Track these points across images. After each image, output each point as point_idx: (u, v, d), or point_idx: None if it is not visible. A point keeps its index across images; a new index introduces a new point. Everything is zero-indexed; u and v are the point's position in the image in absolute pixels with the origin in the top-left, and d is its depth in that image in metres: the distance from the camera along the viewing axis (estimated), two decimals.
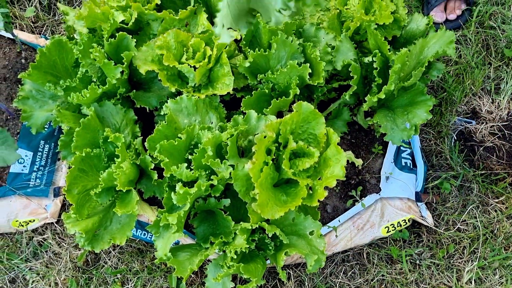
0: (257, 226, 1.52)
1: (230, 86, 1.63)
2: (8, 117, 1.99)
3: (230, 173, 1.46)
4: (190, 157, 1.51)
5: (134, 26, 1.74)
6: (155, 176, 1.57)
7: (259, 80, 1.69)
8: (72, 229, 1.51)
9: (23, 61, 2.11)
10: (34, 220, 1.88)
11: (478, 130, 2.08)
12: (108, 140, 1.58)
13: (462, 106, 2.13)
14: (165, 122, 1.53)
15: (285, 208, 1.43)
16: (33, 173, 1.92)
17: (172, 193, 1.46)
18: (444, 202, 1.94)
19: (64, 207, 1.93)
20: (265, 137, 1.45)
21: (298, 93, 1.60)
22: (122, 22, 1.71)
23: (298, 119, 1.54)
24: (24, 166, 1.91)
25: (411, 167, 1.94)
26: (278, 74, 1.61)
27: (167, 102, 1.59)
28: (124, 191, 1.50)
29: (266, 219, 1.46)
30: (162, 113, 1.58)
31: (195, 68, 1.64)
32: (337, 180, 1.45)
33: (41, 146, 1.95)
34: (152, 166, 1.56)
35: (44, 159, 1.95)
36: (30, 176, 1.91)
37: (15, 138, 1.96)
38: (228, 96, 1.79)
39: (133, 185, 1.61)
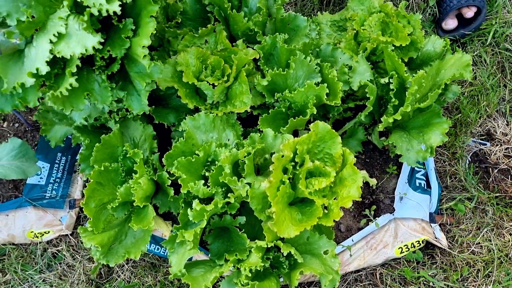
0: (272, 245, 1.53)
1: (248, 104, 1.65)
2: (27, 129, 2.02)
3: (247, 191, 1.46)
4: (207, 174, 1.52)
5: (154, 42, 1.77)
6: (172, 193, 1.58)
7: (276, 98, 1.71)
8: (89, 242, 1.52)
9: None
10: (49, 232, 1.90)
11: (493, 152, 2.08)
12: (127, 156, 1.60)
13: (477, 128, 2.13)
14: (183, 138, 1.55)
15: (300, 227, 1.44)
16: (49, 185, 1.94)
17: (189, 209, 1.47)
18: (458, 224, 1.93)
19: (78, 219, 1.94)
20: (282, 156, 1.46)
21: (315, 112, 1.61)
22: None
23: (315, 139, 1.56)
24: (40, 178, 1.93)
25: (425, 187, 1.94)
26: (296, 93, 1.63)
27: (185, 119, 1.61)
28: (142, 206, 1.51)
29: (281, 237, 1.47)
30: (180, 129, 1.59)
31: (213, 85, 1.66)
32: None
33: (58, 158, 1.98)
34: (169, 182, 1.57)
35: (60, 171, 1.97)
36: (47, 188, 1.93)
37: (33, 150, 1.98)
38: (245, 114, 1.81)
39: (150, 200, 1.62)
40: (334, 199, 1.52)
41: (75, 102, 1.36)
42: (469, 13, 2.24)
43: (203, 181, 1.49)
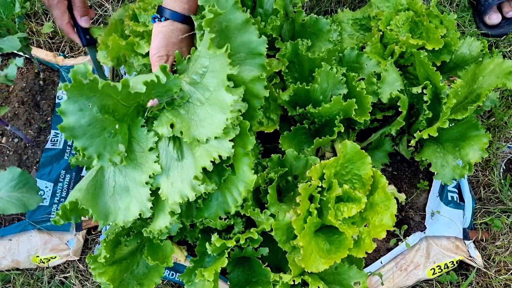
0: (300, 280, 1.40)
1: (277, 123, 1.52)
2: (27, 144, 1.88)
3: (270, 224, 1.33)
4: None
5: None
6: (188, 225, 1.45)
7: (298, 113, 1.55)
8: (99, 278, 1.39)
9: (41, 82, 1.99)
10: (55, 257, 1.78)
11: None
12: None
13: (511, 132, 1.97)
14: None
15: (330, 261, 1.31)
16: (53, 205, 1.81)
17: (207, 243, 1.34)
18: (494, 240, 1.80)
19: (86, 242, 1.82)
20: (310, 185, 1.32)
21: (342, 131, 1.46)
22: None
23: (343, 161, 1.41)
24: (44, 198, 1.80)
25: (458, 201, 1.80)
26: (321, 109, 1.47)
27: None
28: (162, 244, 1.38)
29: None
30: None
31: None
32: None
33: (62, 176, 1.84)
34: None
35: (65, 190, 1.84)
36: (51, 208, 1.80)
37: (35, 167, 1.85)
38: None
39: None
40: (365, 226, 1.39)
41: None
42: (510, 12, 2.06)
43: None
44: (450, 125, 1.62)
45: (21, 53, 2.00)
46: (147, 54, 1.62)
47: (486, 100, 1.63)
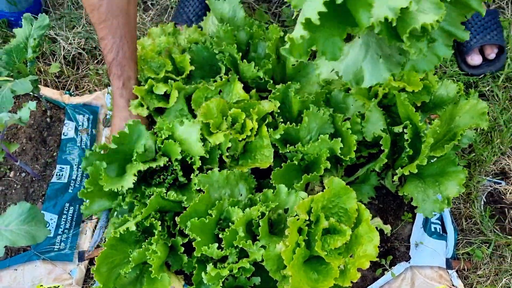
0: None
1: (270, 158, 1.63)
2: (34, 179, 1.98)
3: (261, 254, 1.43)
4: (220, 235, 1.49)
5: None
6: (185, 259, 1.56)
7: (289, 150, 1.67)
8: None
9: (48, 120, 2.11)
10: (58, 286, 1.86)
11: (508, 191, 2.04)
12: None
13: (491, 166, 2.09)
14: (197, 200, 1.51)
15: None
16: (57, 237, 1.91)
17: (203, 273, 1.44)
18: (476, 270, 1.89)
19: (88, 272, 1.91)
20: (298, 219, 1.43)
21: (328, 167, 1.58)
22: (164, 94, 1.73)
23: (329, 195, 1.53)
24: (49, 230, 1.90)
25: (441, 232, 1.90)
26: (309, 147, 1.59)
27: (197, 176, 1.58)
28: (159, 278, 1.47)
29: None
30: (194, 188, 1.56)
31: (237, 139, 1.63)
32: None
33: (66, 208, 1.95)
34: (182, 250, 1.55)
35: (68, 222, 1.94)
36: (55, 239, 1.90)
37: (40, 200, 1.95)
38: None
39: (164, 266, 1.59)
40: (350, 256, 1.49)
41: None
42: (492, 54, 2.21)
43: (216, 245, 1.46)
44: (430, 161, 1.74)
45: (30, 93, 2.13)
46: None
47: (463, 138, 1.75)
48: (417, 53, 0.98)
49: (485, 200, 2.03)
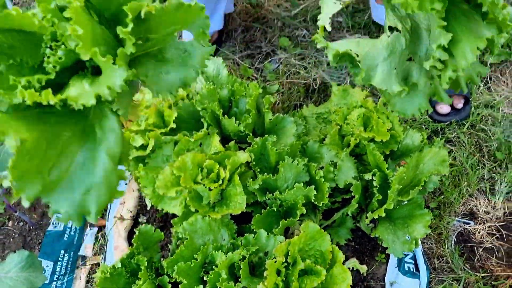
0: None
1: (243, 205, 1.76)
2: (31, 227, 2.11)
3: None
4: (205, 278, 1.61)
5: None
6: None
7: (268, 198, 1.82)
8: None
9: None
10: None
11: (477, 230, 2.18)
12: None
13: (460, 207, 2.24)
14: (183, 247, 1.64)
15: None
16: (53, 283, 2.01)
17: None
18: None
19: None
20: (275, 262, 1.56)
21: (304, 213, 1.72)
22: (141, 146, 1.87)
23: (305, 239, 1.66)
24: (45, 276, 2.01)
25: (414, 271, 2.03)
26: (286, 194, 1.74)
27: (182, 224, 1.72)
28: None
29: None
30: (179, 235, 1.69)
31: (209, 188, 1.77)
32: None
33: (61, 255, 2.06)
34: (170, 287, 1.66)
35: (64, 268, 2.05)
36: (50, 285, 2.00)
37: (37, 248, 2.07)
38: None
39: None
40: None
41: None
42: (459, 104, 2.42)
43: (201, 286, 1.58)
44: (400, 205, 1.89)
45: None
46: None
47: (429, 183, 1.90)
48: (424, 85, 1.08)
49: (455, 239, 2.17)
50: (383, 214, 1.72)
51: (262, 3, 3.05)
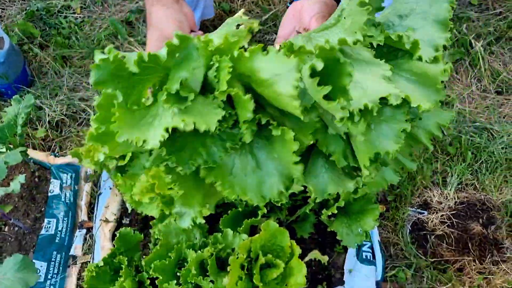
0: None
1: (213, 209, 1.98)
2: (25, 232, 2.33)
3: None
4: (178, 273, 1.83)
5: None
6: None
7: (234, 200, 2.03)
8: None
9: (36, 179, 2.47)
10: None
11: (430, 219, 2.41)
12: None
13: (416, 199, 2.47)
14: (159, 246, 1.86)
15: None
16: (47, 281, 2.24)
17: None
18: None
19: None
20: (237, 258, 1.78)
21: (266, 213, 1.94)
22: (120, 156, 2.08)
23: (267, 236, 1.88)
24: (40, 275, 2.23)
25: (371, 259, 2.26)
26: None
27: (158, 226, 1.94)
28: None
29: None
30: (155, 236, 1.92)
31: None
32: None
33: (54, 256, 2.28)
34: (148, 282, 1.89)
35: (56, 267, 2.27)
36: (45, 284, 2.23)
37: (32, 250, 2.29)
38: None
39: None
40: (286, 285, 1.84)
41: None
42: None
43: (175, 281, 1.81)
44: (354, 201, 2.11)
45: None
46: None
47: None
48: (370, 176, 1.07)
49: (410, 228, 2.40)
50: (335, 211, 1.94)
51: (235, 9, 3.23)
